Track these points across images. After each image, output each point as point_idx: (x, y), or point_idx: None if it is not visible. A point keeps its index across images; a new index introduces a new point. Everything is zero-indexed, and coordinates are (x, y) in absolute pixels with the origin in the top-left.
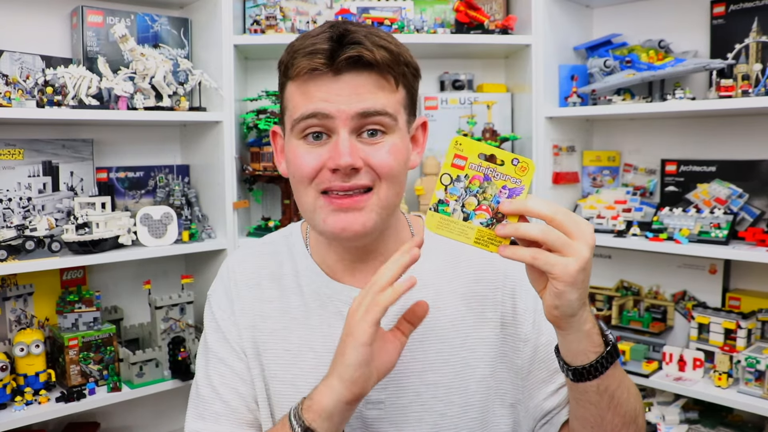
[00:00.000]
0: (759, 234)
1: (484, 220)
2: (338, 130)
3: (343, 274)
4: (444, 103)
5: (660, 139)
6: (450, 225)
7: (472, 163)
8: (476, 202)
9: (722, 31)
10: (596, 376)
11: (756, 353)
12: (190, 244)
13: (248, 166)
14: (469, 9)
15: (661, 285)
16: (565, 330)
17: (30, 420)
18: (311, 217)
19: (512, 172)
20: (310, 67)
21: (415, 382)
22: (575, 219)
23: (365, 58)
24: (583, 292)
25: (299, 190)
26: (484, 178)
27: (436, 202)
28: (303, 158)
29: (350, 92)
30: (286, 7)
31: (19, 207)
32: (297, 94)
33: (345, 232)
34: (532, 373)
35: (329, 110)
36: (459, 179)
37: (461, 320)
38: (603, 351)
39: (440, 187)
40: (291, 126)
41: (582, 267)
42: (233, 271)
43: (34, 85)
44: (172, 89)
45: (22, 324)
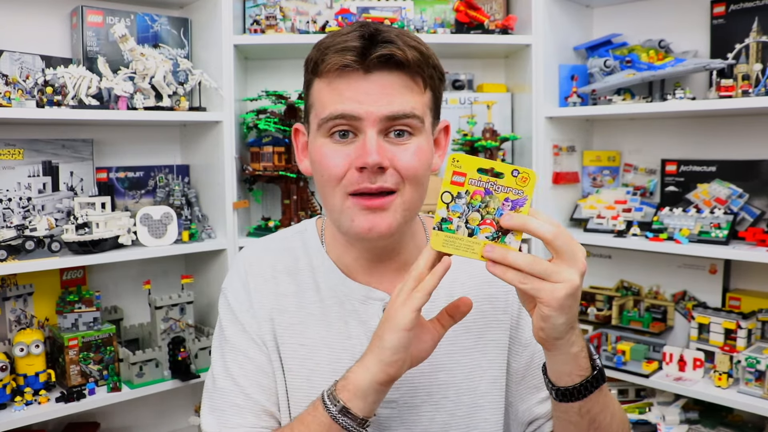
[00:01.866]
0: (759, 234)
1: (489, 234)
2: (365, 130)
3: (360, 274)
4: (444, 103)
5: (660, 139)
6: (455, 242)
7: (471, 178)
8: (480, 216)
9: (722, 31)
10: (579, 398)
11: (756, 353)
12: (190, 244)
13: (248, 166)
14: (469, 9)
15: (662, 285)
16: (551, 351)
17: (30, 420)
18: (338, 217)
19: (513, 183)
20: (341, 63)
21: (427, 382)
22: (572, 245)
23: (397, 57)
24: (571, 317)
25: (326, 191)
26: (485, 192)
27: (440, 221)
28: (330, 158)
29: (379, 92)
30: (286, 7)
31: (19, 207)
32: (325, 92)
33: (371, 232)
34: (526, 378)
35: (358, 112)
36: (460, 196)
37: (473, 322)
38: (589, 375)
39: (442, 206)
40: (318, 125)
41: (570, 293)
42: (251, 265)
43: (34, 85)
44: (172, 89)
45: (22, 324)
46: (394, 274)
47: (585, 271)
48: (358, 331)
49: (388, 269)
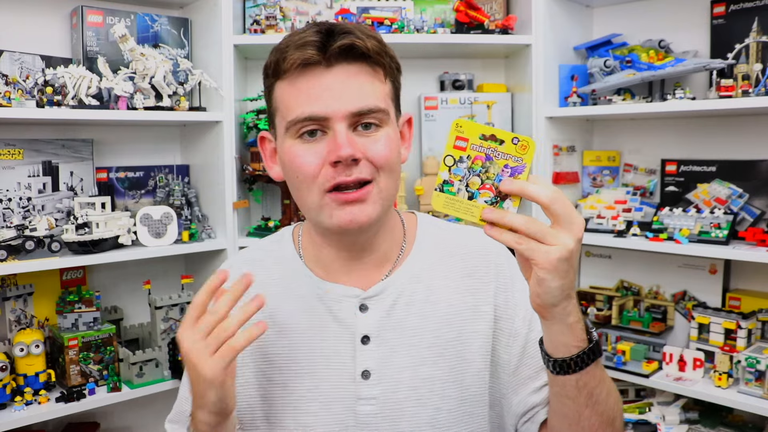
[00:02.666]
0: (759, 234)
1: (488, 198)
2: (334, 126)
3: (339, 274)
4: (444, 103)
5: (660, 139)
6: (455, 204)
7: (473, 144)
8: (480, 181)
9: (722, 30)
10: (576, 370)
11: (756, 353)
12: (190, 244)
13: (248, 166)
14: (469, 9)
15: (662, 285)
16: (547, 320)
17: (30, 420)
18: (316, 215)
19: (513, 150)
20: (302, 58)
21: (410, 376)
22: (568, 210)
23: (357, 46)
24: (567, 283)
25: (302, 190)
26: (486, 158)
27: (441, 183)
28: (303, 157)
29: (342, 87)
30: (286, 7)
31: (18, 207)
32: (289, 93)
33: (352, 224)
34: (520, 369)
35: (325, 112)
36: (462, 160)
37: (455, 314)
38: (585, 347)
39: (444, 168)
40: (285, 127)
41: (564, 256)
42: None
43: (34, 85)
44: (172, 89)
45: (21, 324)
46: (373, 269)
47: (581, 237)
48: (334, 330)
49: (367, 265)
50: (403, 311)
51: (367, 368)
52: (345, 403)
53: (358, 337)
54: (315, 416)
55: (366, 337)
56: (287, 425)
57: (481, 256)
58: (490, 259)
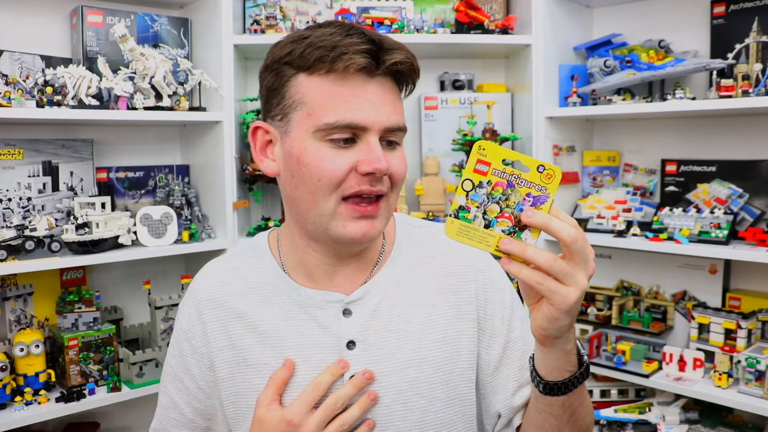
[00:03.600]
0: (759, 234)
1: (506, 228)
2: (368, 138)
3: (322, 278)
4: (444, 103)
5: (660, 139)
6: (470, 232)
7: (495, 168)
8: (498, 209)
9: (722, 30)
10: (565, 392)
11: (756, 353)
12: (190, 244)
13: (248, 166)
14: (469, 9)
15: (662, 285)
16: (547, 347)
17: (30, 420)
18: (327, 222)
19: (537, 179)
20: (360, 64)
21: (396, 380)
22: (586, 248)
23: (407, 64)
24: (574, 320)
25: (318, 195)
26: (508, 184)
27: (457, 209)
28: (332, 162)
29: (380, 100)
30: (286, 7)
31: (18, 207)
32: (325, 93)
33: (364, 237)
34: (500, 369)
35: (365, 123)
36: (481, 185)
37: (439, 314)
38: (576, 371)
39: (461, 194)
40: (315, 128)
41: (579, 297)
42: (196, 291)
43: (34, 85)
44: (172, 89)
45: (21, 324)
46: (354, 273)
47: (593, 274)
48: (318, 337)
49: (349, 269)
50: (387, 314)
51: (354, 374)
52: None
53: (343, 343)
54: None
55: (351, 342)
56: None
57: (460, 255)
58: (470, 257)
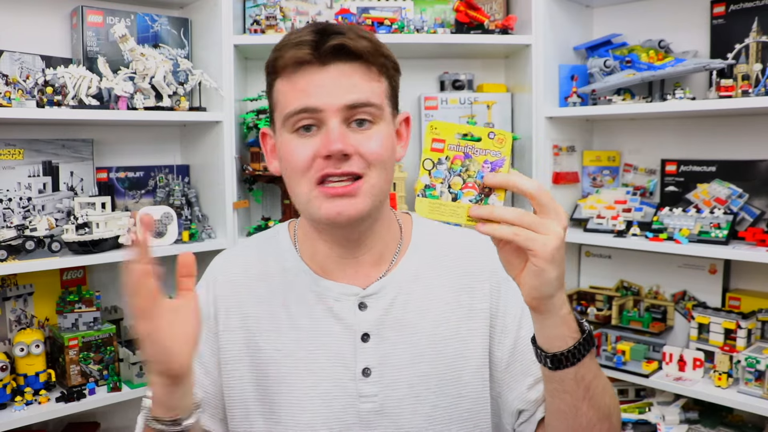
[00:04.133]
0: (759, 234)
1: (472, 197)
2: (328, 121)
3: (333, 271)
4: (444, 103)
5: (660, 139)
6: (440, 208)
7: (450, 144)
8: (461, 181)
9: (722, 30)
10: (573, 363)
11: (756, 353)
12: (190, 244)
13: (248, 166)
14: (469, 9)
15: (661, 285)
16: (543, 314)
17: (30, 420)
18: (306, 207)
19: (491, 145)
20: (296, 57)
21: (408, 374)
22: (553, 201)
23: (349, 47)
24: (561, 273)
25: (293, 183)
26: (465, 156)
27: (423, 188)
28: (297, 150)
29: (336, 83)
30: (286, 7)
31: (19, 207)
32: (285, 89)
33: (340, 216)
34: (512, 365)
35: (318, 104)
36: (441, 162)
37: (452, 312)
38: (579, 338)
39: (424, 173)
40: (282, 122)
41: (558, 245)
42: (222, 273)
43: (34, 85)
44: (172, 89)
45: (22, 324)
46: (369, 268)
47: (567, 226)
48: (335, 328)
49: (364, 264)
50: (402, 309)
51: (368, 366)
52: (346, 401)
53: (358, 335)
54: (315, 413)
55: (366, 334)
56: (286, 422)
57: (476, 255)
58: (485, 257)
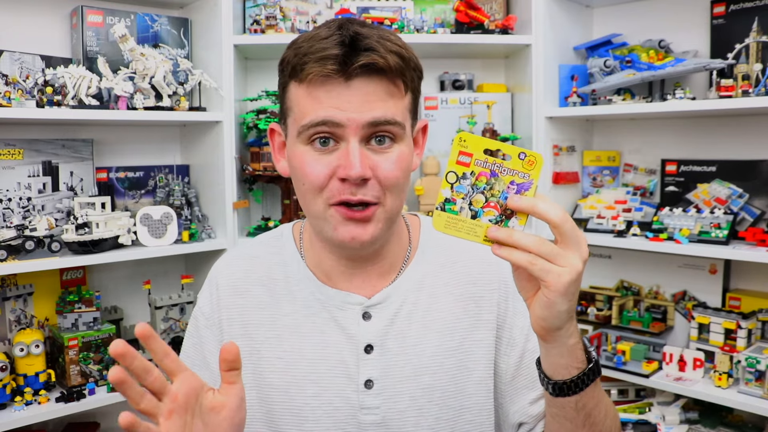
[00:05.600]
0: (759, 234)
1: (492, 217)
2: (348, 139)
3: (339, 279)
4: (444, 103)
5: (660, 139)
6: (458, 224)
7: (477, 159)
8: (484, 199)
9: (722, 30)
10: (576, 392)
11: (756, 353)
12: (190, 244)
13: (248, 166)
14: (469, 9)
15: (662, 285)
16: (549, 343)
17: (30, 420)
18: (320, 225)
19: (519, 166)
20: (321, 73)
21: (411, 386)
22: (576, 231)
23: (379, 65)
24: (572, 305)
25: (307, 199)
26: (491, 174)
27: (443, 201)
28: (312, 166)
29: (361, 100)
30: (286, 7)
31: (18, 207)
32: (305, 99)
33: (354, 241)
34: (517, 379)
35: (340, 119)
36: (465, 177)
37: (457, 322)
38: (585, 368)
39: (446, 186)
40: (297, 131)
41: (574, 279)
42: (224, 278)
43: (34, 85)
44: (172, 89)
45: (21, 324)
46: (376, 278)
47: (587, 259)
48: (337, 338)
49: (372, 274)
50: (406, 320)
51: (371, 377)
52: (348, 412)
53: (361, 346)
54: (317, 423)
55: (369, 346)
56: (288, 431)
57: (486, 262)
58: (495, 266)
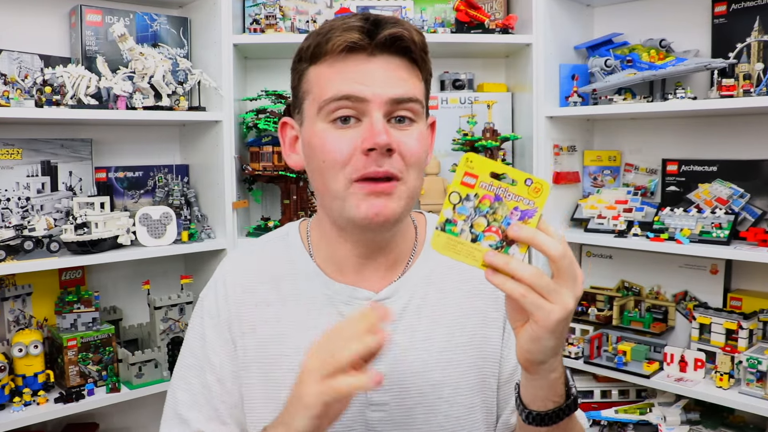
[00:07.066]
0: (760, 234)
1: (493, 242)
2: (371, 113)
3: (350, 272)
4: (444, 103)
5: (661, 138)
6: (457, 246)
7: (482, 181)
8: (486, 223)
9: (724, 30)
10: (548, 424)
11: (757, 354)
12: (189, 244)
13: (248, 165)
14: (469, 8)
15: (662, 285)
16: (532, 374)
17: (29, 421)
18: (341, 204)
19: (525, 192)
20: (347, 41)
21: (420, 382)
22: (574, 267)
23: (405, 38)
24: (559, 342)
25: (328, 177)
26: (495, 198)
27: (444, 221)
28: (334, 143)
29: (385, 75)
30: (286, 6)
31: (17, 207)
32: (327, 75)
33: (378, 217)
34: (509, 383)
35: (365, 93)
36: (468, 198)
37: (467, 318)
38: (562, 403)
39: (448, 206)
40: (318, 109)
41: (565, 317)
42: (231, 275)
43: (33, 85)
44: (172, 89)
45: (20, 324)
46: (384, 272)
47: (580, 297)
48: None
49: (380, 267)
50: (415, 315)
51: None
52: (355, 408)
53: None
54: None
55: None
56: None
57: None
58: None
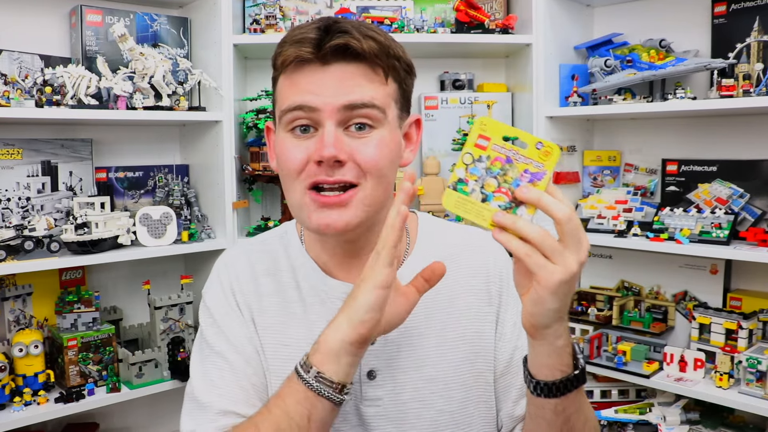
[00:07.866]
0: (760, 234)
1: (502, 203)
2: (324, 123)
3: (337, 270)
4: (444, 103)
5: (661, 138)
6: (467, 205)
7: (495, 144)
8: (496, 184)
9: (723, 30)
10: (557, 395)
11: (757, 354)
12: (189, 244)
13: (248, 165)
14: (469, 8)
15: (662, 285)
16: (536, 340)
17: (29, 421)
18: (298, 213)
19: (535, 155)
20: (296, 55)
21: (414, 377)
22: (579, 232)
23: (352, 47)
24: (563, 306)
25: (287, 185)
26: (506, 160)
27: (456, 181)
28: (290, 151)
29: (337, 83)
30: (286, 6)
31: (18, 207)
32: (285, 86)
33: (329, 228)
34: (505, 376)
35: (315, 103)
36: (480, 159)
37: (459, 314)
38: (570, 373)
39: (461, 166)
40: (279, 117)
41: (566, 279)
42: (230, 266)
43: (33, 85)
44: (172, 89)
45: (20, 324)
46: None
47: (585, 262)
48: None
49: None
50: None
51: (373, 368)
52: (350, 403)
53: None
54: None
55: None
56: None
57: (485, 256)
58: (493, 260)
